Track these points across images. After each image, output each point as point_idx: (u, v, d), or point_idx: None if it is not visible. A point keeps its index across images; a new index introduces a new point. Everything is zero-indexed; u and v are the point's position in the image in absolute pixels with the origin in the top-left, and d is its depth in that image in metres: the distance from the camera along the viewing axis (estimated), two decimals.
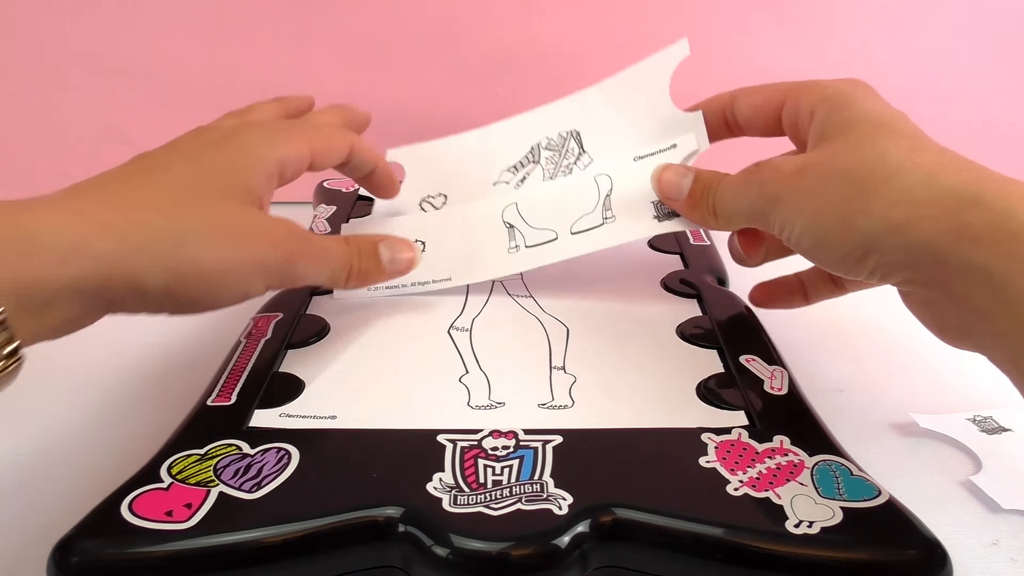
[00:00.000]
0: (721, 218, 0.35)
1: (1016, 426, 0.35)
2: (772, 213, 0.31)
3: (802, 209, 0.29)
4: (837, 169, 0.29)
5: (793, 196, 0.30)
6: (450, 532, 0.25)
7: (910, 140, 0.29)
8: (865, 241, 0.28)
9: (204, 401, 0.32)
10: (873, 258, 0.28)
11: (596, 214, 0.38)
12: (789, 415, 0.31)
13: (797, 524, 0.25)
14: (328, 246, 0.33)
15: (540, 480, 0.27)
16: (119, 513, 0.25)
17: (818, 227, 0.29)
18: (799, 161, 0.30)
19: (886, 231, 0.27)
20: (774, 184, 0.31)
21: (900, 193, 0.27)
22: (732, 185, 0.34)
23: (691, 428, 0.30)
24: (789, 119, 0.35)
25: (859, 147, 0.29)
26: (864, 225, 0.27)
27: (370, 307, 0.39)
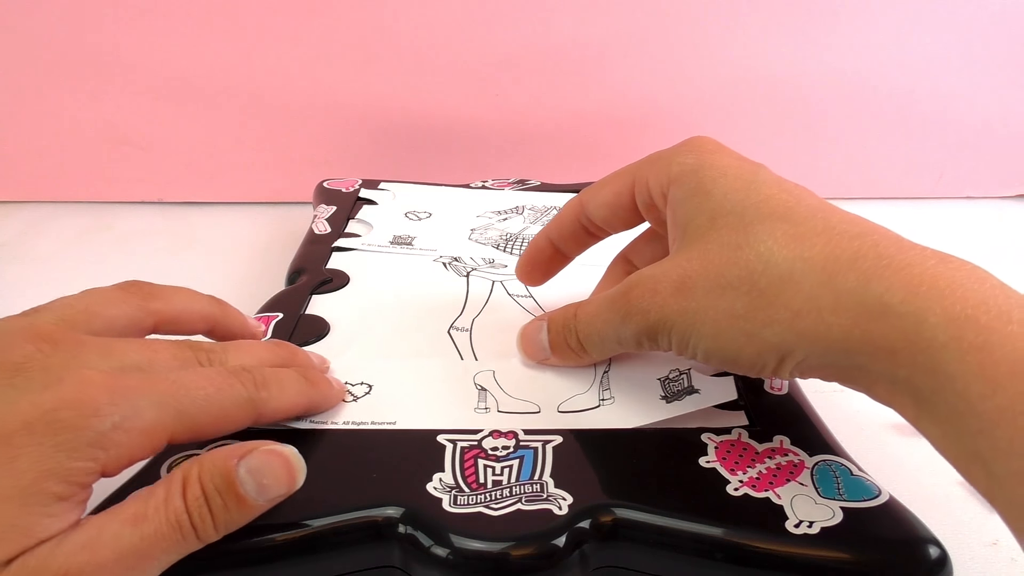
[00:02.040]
0: (593, 351, 0.32)
1: None
2: (660, 339, 0.28)
3: (700, 333, 0.27)
4: (723, 281, 0.27)
5: (683, 320, 0.27)
6: (450, 532, 0.25)
7: (787, 226, 0.26)
8: (778, 351, 0.26)
9: None
10: (790, 363, 0.26)
11: (591, 394, 0.32)
12: (789, 415, 0.31)
13: (797, 524, 0.25)
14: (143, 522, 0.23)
15: (540, 480, 0.27)
16: None
17: (724, 348, 0.27)
18: (675, 276, 0.28)
19: (798, 341, 0.25)
20: (656, 311, 0.28)
21: (802, 301, 0.25)
22: (595, 315, 0.31)
23: (691, 428, 0.30)
24: (643, 203, 0.32)
25: (737, 248, 0.27)
26: (774, 338, 0.26)
27: (371, 307, 0.39)
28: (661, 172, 0.30)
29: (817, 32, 0.60)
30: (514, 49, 0.60)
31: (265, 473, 0.25)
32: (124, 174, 0.62)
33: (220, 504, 0.24)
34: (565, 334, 0.32)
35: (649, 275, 0.29)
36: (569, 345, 0.32)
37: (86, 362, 0.24)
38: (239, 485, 0.24)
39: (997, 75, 0.61)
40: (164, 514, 0.23)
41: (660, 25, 0.59)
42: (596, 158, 0.63)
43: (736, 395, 0.31)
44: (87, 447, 0.22)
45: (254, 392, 0.27)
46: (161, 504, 0.23)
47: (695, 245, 0.28)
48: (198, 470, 0.24)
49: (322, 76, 0.60)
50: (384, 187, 0.54)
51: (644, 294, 0.28)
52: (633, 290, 0.29)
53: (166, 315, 0.29)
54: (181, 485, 0.24)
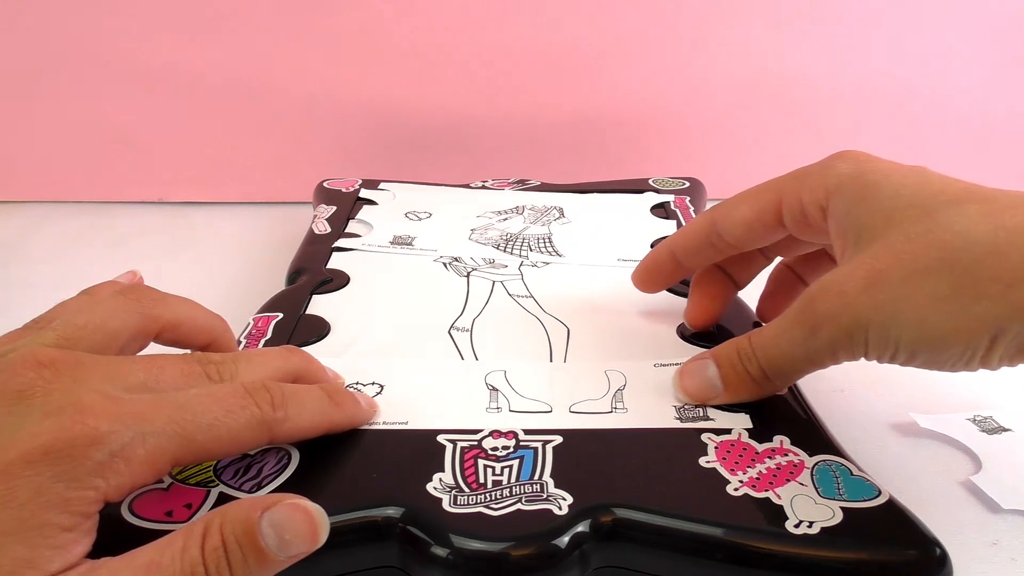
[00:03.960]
0: (778, 377, 0.30)
1: (1016, 426, 0.35)
2: (855, 345, 0.27)
3: (902, 323, 0.26)
4: (920, 266, 0.26)
5: (880, 315, 0.26)
6: (450, 532, 0.25)
7: (977, 205, 0.26)
8: (991, 329, 0.25)
9: None
10: (1002, 343, 0.25)
11: (604, 401, 0.32)
12: (789, 415, 0.31)
13: (797, 524, 0.25)
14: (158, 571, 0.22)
15: (540, 480, 0.27)
16: (119, 513, 0.25)
17: (932, 335, 0.25)
18: (862, 274, 0.27)
19: (1013, 314, 0.24)
20: (848, 313, 0.27)
21: (1013, 272, 0.24)
22: (777, 336, 0.29)
23: (691, 428, 0.30)
24: (794, 219, 0.31)
25: (928, 233, 0.26)
26: (986, 314, 0.25)
27: (371, 307, 0.39)
28: (815, 185, 0.30)
29: (818, 32, 0.60)
30: (514, 49, 0.60)
31: (288, 528, 0.23)
32: (124, 174, 0.62)
33: (240, 557, 0.23)
34: (745, 363, 0.30)
35: (831, 280, 0.28)
36: (751, 375, 0.30)
37: (88, 386, 0.23)
38: (261, 539, 0.23)
39: (998, 75, 0.61)
40: (180, 564, 0.22)
41: (660, 25, 0.59)
42: (596, 158, 0.63)
43: (750, 424, 0.30)
44: (87, 476, 0.22)
45: (270, 413, 0.26)
46: (178, 554, 0.22)
47: (876, 243, 0.27)
48: (220, 520, 0.23)
49: (323, 76, 0.60)
50: (384, 187, 0.54)
51: (830, 298, 0.27)
52: (817, 298, 0.28)
53: (168, 322, 0.29)
54: (201, 535, 0.22)
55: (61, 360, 0.24)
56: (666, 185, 0.54)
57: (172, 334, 0.29)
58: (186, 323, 0.29)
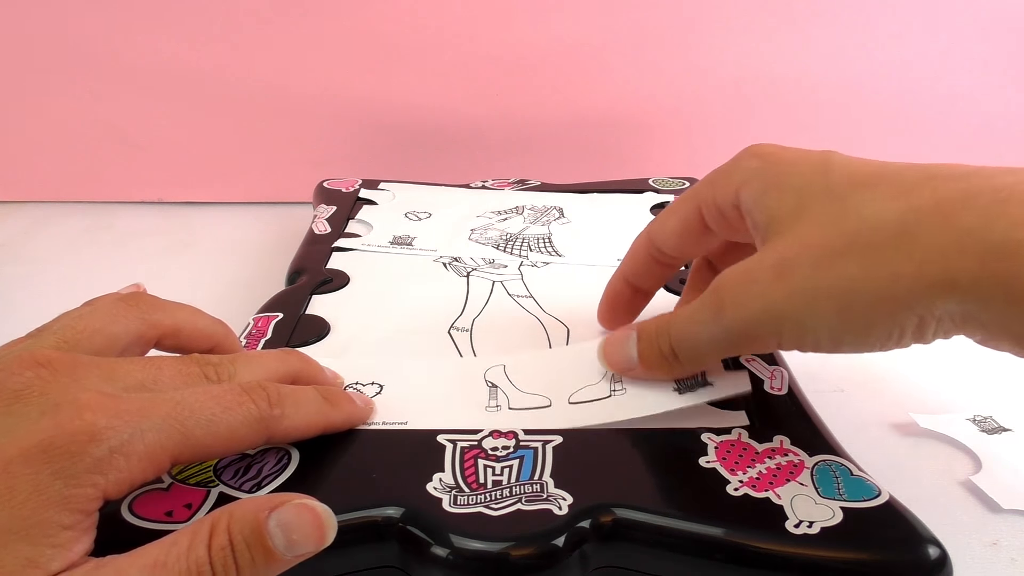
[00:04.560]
0: (688, 361, 0.30)
1: (1016, 426, 0.35)
2: (764, 335, 0.26)
3: (819, 313, 0.25)
4: (830, 252, 0.25)
5: (793, 306, 0.25)
6: (450, 532, 0.25)
7: (885, 186, 0.25)
8: (913, 308, 0.24)
9: None
10: (932, 322, 0.24)
11: (602, 385, 0.32)
12: (789, 415, 0.31)
13: (797, 524, 0.25)
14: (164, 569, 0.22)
15: (540, 480, 0.27)
16: (119, 513, 0.25)
17: (853, 321, 0.24)
18: (771, 262, 0.26)
19: (929, 292, 0.23)
20: (756, 301, 0.26)
21: (924, 250, 0.23)
22: (688, 318, 0.29)
23: (691, 428, 0.30)
24: (714, 220, 0.31)
25: (838, 219, 0.25)
26: (904, 294, 0.23)
27: (371, 307, 0.39)
28: (726, 184, 0.29)
29: (818, 32, 0.60)
30: (514, 49, 0.60)
31: (295, 528, 0.23)
32: (124, 174, 0.62)
33: (247, 557, 0.22)
34: (658, 341, 0.30)
35: (741, 268, 0.27)
36: (662, 353, 0.30)
37: (86, 385, 0.23)
38: (269, 539, 0.22)
39: (998, 75, 0.61)
40: (185, 563, 0.22)
41: (660, 25, 0.60)
42: (596, 158, 0.63)
43: (750, 388, 0.31)
44: (85, 473, 0.21)
45: (267, 411, 0.26)
46: (184, 553, 0.22)
47: (785, 233, 0.26)
48: (227, 520, 0.23)
49: (322, 76, 0.60)
50: (384, 187, 0.54)
51: (738, 286, 0.26)
52: (724, 284, 0.27)
53: (169, 328, 0.28)
54: (207, 534, 0.22)
55: (59, 360, 0.24)
56: (666, 185, 0.54)
57: (173, 340, 0.29)
58: (186, 328, 0.29)
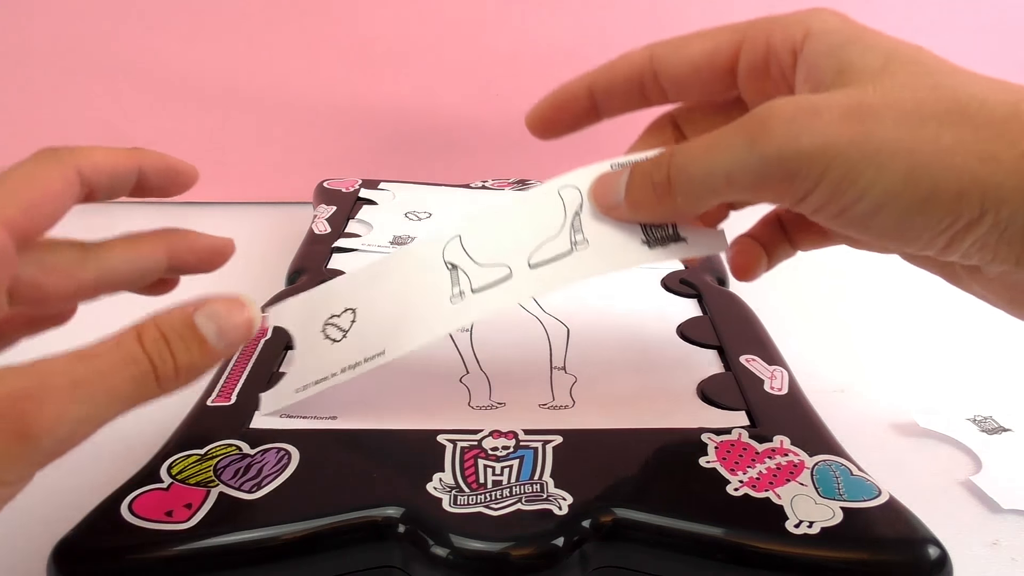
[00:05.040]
0: (684, 194, 0.25)
1: (1016, 426, 0.35)
2: (802, 177, 0.22)
3: (884, 165, 0.21)
4: (923, 113, 0.22)
5: (858, 150, 0.22)
6: (450, 532, 0.25)
7: (987, 80, 0.23)
8: (987, 200, 0.21)
9: (204, 401, 0.32)
10: (986, 225, 0.22)
11: (562, 239, 0.28)
12: (789, 415, 0.31)
13: (797, 524, 0.25)
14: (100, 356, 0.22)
15: (540, 480, 0.27)
16: (119, 513, 0.25)
17: (918, 187, 0.21)
18: (845, 101, 0.22)
19: (1016, 186, 0.21)
20: (815, 135, 0.22)
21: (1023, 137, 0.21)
22: (709, 142, 0.24)
23: (691, 428, 0.30)
24: (750, 65, 0.26)
25: (935, 88, 0.22)
26: (991, 178, 0.21)
27: None
28: (791, 27, 0.25)
29: None
30: (514, 49, 0.60)
31: (223, 316, 0.24)
32: None
33: (181, 346, 0.23)
34: (653, 172, 0.26)
35: (802, 99, 0.23)
36: (653, 184, 0.25)
37: None
38: (199, 328, 0.23)
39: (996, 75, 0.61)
40: (118, 352, 0.22)
41: (660, 25, 0.59)
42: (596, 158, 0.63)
43: (727, 247, 0.28)
44: None
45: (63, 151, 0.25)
46: (113, 345, 0.22)
47: (865, 83, 0.23)
48: (154, 321, 0.23)
49: (322, 76, 0.60)
50: (384, 187, 0.54)
51: (797, 114, 0.22)
52: (776, 111, 0.23)
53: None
54: (134, 333, 0.22)
55: None
56: None
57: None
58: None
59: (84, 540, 0.25)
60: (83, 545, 0.25)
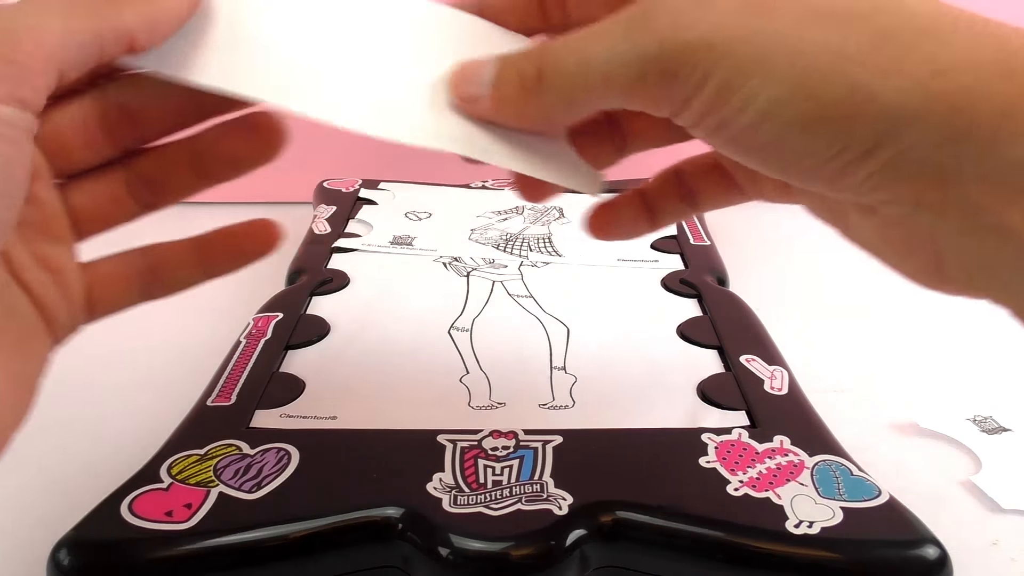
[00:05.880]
0: (553, 89, 0.22)
1: (1016, 426, 0.35)
2: (688, 73, 0.19)
3: (773, 69, 0.19)
4: (826, 10, 0.19)
5: (749, 47, 0.19)
6: (450, 532, 0.25)
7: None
8: (887, 122, 0.18)
9: (204, 401, 0.32)
10: (884, 153, 0.18)
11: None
12: (789, 415, 0.31)
13: (797, 524, 0.25)
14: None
15: (540, 480, 0.27)
16: (119, 513, 0.25)
17: (809, 99, 0.18)
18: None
19: (929, 109, 0.18)
20: (702, 27, 0.19)
21: (954, 54, 0.18)
22: (586, 33, 0.21)
23: (691, 428, 0.30)
24: None
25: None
26: (894, 96, 0.18)
27: (371, 307, 0.39)
28: None
29: None
30: None
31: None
32: None
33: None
34: (520, 63, 0.22)
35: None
36: (521, 76, 0.22)
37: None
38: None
39: None
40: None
41: None
42: None
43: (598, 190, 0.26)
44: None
45: None
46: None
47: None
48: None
49: None
50: (384, 187, 0.54)
51: (685, 5, 0.19)
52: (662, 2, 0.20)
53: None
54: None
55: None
56: None
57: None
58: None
59: (84, 539, 0.25)
60: (83, 544, 0.25)
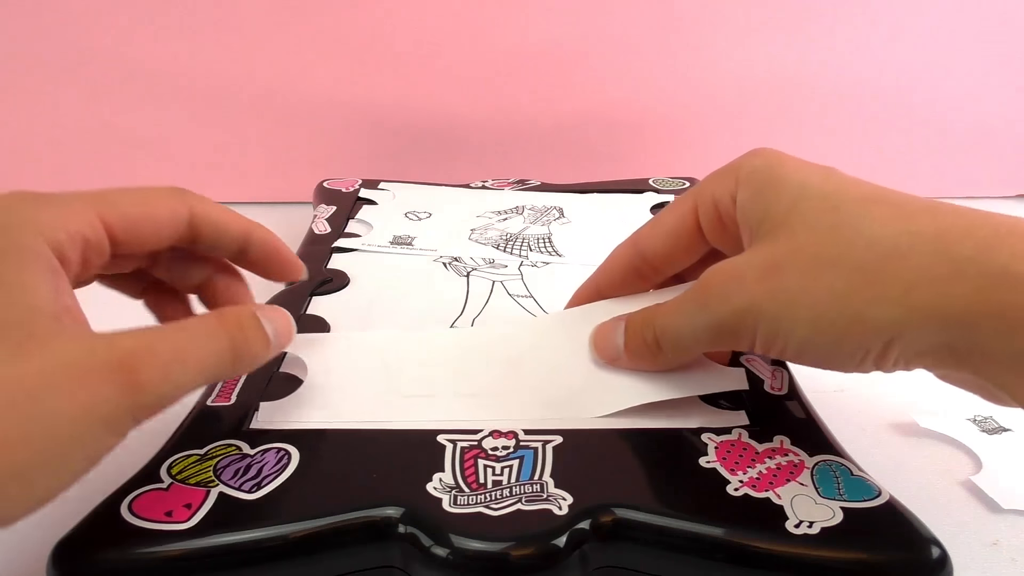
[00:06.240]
0: (670, 351, 0.29)
1: (1016, 426, 0.35)
2: (743, 331, 0.26)
3: (795, 318, 0.25)
4: (820, 261, 0.25)
5: (774, 305, 0.25)
6: (450, 532, 0.25)
7: (884, 207, 0.25)
8: (886, 332, 0.24)
9: (204, 401, 0.32)
10: (897, 350, 0.24)
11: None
12: (789, 415, 0.31)
13: (797, 524, 0.25)
14: (191, 329, 0.24)
15: (540, 480, 0.27)
16: (119, 513, 0.25)
17: (825, 333, 0.25)
18: (760, 262, 0.26)
19: (910, 317, 0.23)
20: (741, 296, 0.26)
21: (915, 273, 0.23)
22: (673, 309, 0.29)
23: (691, 428, 0.30)
24: (709, 220, 0.30)
25: (832, 228, 0.25)
26: (883, 316, 0.24)
27: (371, 307, 0.39)
28: (727, 179, 0.29)
29: (816, 33, 0.60)
30: (514, 49, 0.60)
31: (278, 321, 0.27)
32: (125, 175, 0.62)
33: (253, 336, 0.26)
34: (643, 331, 0.30)
35: (730, 264, 0.27)
36: (645, 341, 0.30)
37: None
38: (263, 325, 0.27)
39: (997, 76, 0.61)
40: (204, 328, 0.25)
41: (659, 26, 0.59)
42: (596, 158, 0.63)
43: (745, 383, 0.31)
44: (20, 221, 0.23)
45: (184, 191, 0.28)
46: (199, 322, 0.25)
47: (778, 232, 0.26)
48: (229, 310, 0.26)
49: (322, 76, 0.60)
50: (384, 187, 0.54)
51: (726, 281, 0.27)
52: (713, 278, 0.27)
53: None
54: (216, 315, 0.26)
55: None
56: (666, 185, 0.54)
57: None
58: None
59: (84, 540, 0.25)
60: (83, 545, 0.25)
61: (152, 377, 0.22)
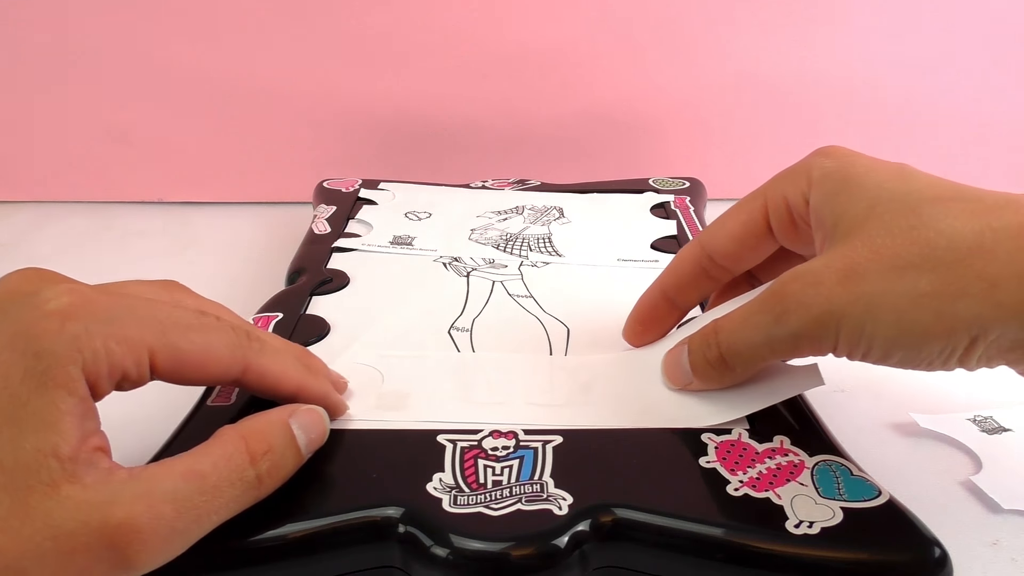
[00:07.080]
0: (740, 366, 0.29)
1: (1016, 426, 0.35)
2: (824, 338, 0.26)
3: (878, 319, 0.25)
4: (901, 262, 0.25)
5: (856, 309, 0.25)
6: (450, 532, 0.25)
7: (962, 203, 0.25)
8: (971, 328, 0.24)
9: (204, 401, 0.32)
10: (981, 347, 0.24)
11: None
12: (789, 415, 0.31)
13: (797, 524, 0.25)
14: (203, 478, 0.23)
15: (540, 480, 0.27)
16: None
17: (909, 333, 0.24)
18: (839, 266, 0.26)
19: (996, 313, 0.23)
20: (821, 303, 0.26)
21: (999, 269, 0.23)
22: (741, 321, 0.28)
23: (691, 428, 0.30)
24: (780, 220, 0.30)
25: (911, 229, 0.25)
26: (967, 313, 0.24)
27: (370, 308, 0.39)
28: (799, 179, 0.29)
29: (816, 32, 0.60)
30: (514, 49, 0.60)
31: (311, 429, 0.27)
32: (124, 174, 0.62)
33: (285, 454, 0.25)
34: (704, 351, 0.29)
35: (807, 269, 0.27)
36: (709, 361, 0.29)
37: (77, 286, 0.24)
38: (296, 439, 0.26)
39: (998, 75, 0.61)
40: (226, 468, 0.24)
41: (660, 25, 0.59)
42: (596, 158, 0.63)
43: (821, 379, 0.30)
44: (64, 349, 0.22)
45: (245, 339, 0.27)
46: (222, 460, 0.24)
47: (855, 235, 0.26)
48: (261, 432, 0.25)
49: (322, 76, 0.60)
50: (384, 187, 0.54)
51: (804, 288, 0.26)
52: (789, 286, 0.27)
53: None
54: (243, 445, 0.24)
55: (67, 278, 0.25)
56: (666, 185, 0.54)
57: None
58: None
59: None
60: None
61: (148, 556, 0.22)
